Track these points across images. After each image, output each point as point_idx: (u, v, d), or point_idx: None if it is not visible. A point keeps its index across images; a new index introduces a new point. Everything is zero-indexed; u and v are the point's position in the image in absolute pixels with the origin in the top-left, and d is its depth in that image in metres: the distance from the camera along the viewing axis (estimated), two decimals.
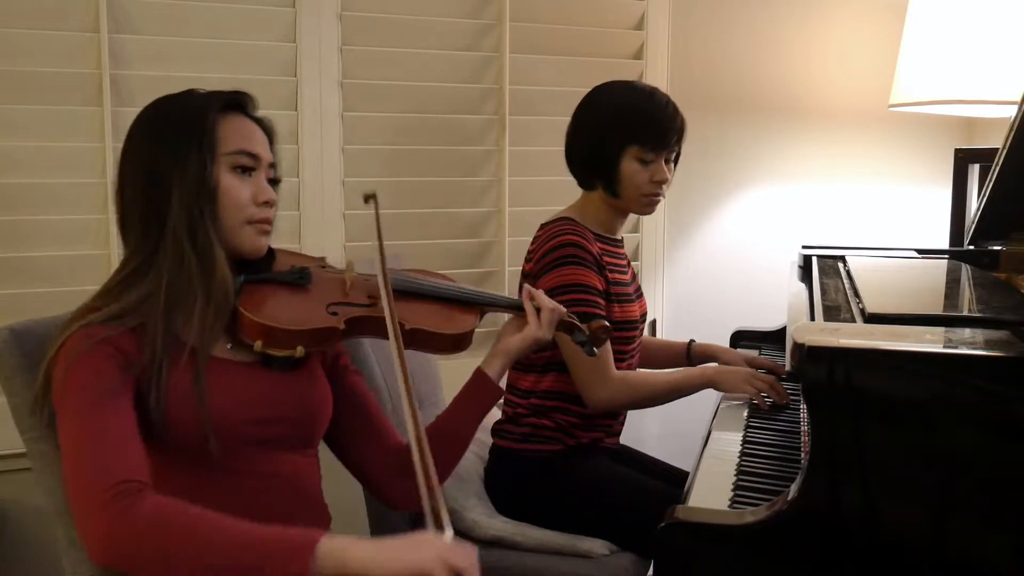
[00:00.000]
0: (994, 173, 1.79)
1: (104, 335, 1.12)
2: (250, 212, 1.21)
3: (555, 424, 1.81)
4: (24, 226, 1.96)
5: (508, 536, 1.74)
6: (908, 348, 1.13)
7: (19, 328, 1.24)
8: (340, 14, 2.20)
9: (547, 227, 1.83)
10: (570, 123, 1.87)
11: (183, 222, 1.16)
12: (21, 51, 1.93)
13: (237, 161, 1.20)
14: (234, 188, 1.20)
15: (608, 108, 1.80)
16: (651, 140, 1.77)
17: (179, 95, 1.24)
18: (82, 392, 1.09)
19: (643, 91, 1.82)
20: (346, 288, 1.30)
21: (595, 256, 1.77)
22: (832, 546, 1.11)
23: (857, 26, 2.75)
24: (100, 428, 1.06)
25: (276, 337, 1.18)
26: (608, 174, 1.79)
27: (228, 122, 1.22)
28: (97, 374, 1.10)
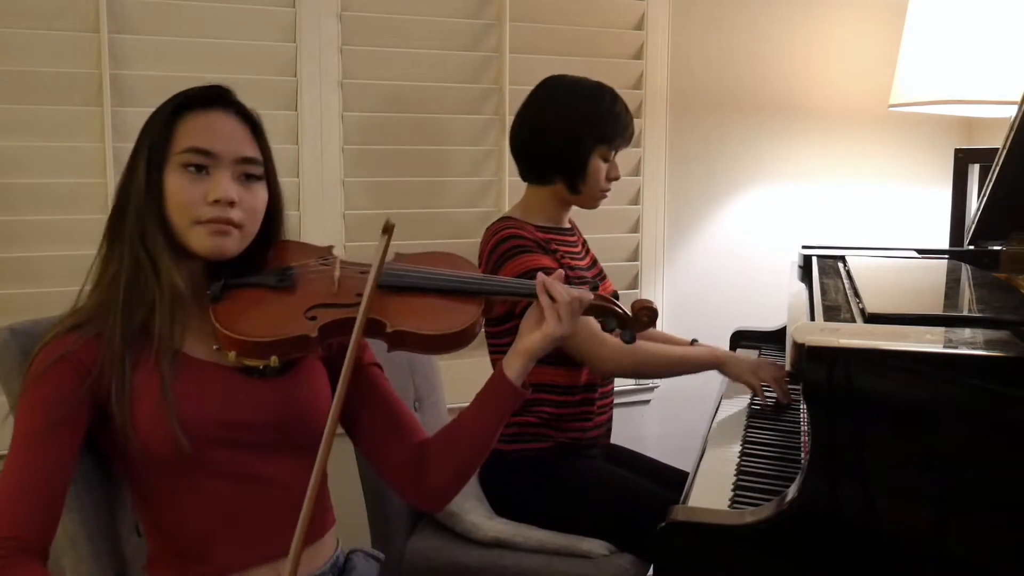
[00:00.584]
0: (994, 173, 1.79)
1: (63, 351, 1.11)
2: (197, 212, 1.15)
3: (539, 420, 1.81)
4: (24, 226, 1.96)
5: (507, 537, 1.74)
6: (908, 348, 1.13)
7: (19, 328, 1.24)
8: (340, 14, 2.20)
9: (488, 230, 1.87)
10: (529, 120, 1.90)
11: (135, 227, 1.16)
12: (21, 51, 1.93)
13: (187, 160, 1.16)
14: (179, 188, 1.16)
15: (580, 109, 1.85)
16: (619, 140, 1.87)
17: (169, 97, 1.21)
18: (24, 422, 1.10)
19: (607, 92, 1.88)
20: (333, 287, 1.23)
21: (537, 240, 1.81)
22: (832, 546, 1.11)
23: (857, 26, 2.75)
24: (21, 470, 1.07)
25: (247, 349, 1.15)
26: (575, 172, 1.85)
27: (190, 120, 1.18)
28: (44, 401, 1.09)
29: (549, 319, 1.22)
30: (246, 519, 1.18)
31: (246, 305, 1.19)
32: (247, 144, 1.20)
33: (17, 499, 1.06)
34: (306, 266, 1.26)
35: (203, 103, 1.19)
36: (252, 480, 1.18)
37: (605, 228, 2.53)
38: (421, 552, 1.76)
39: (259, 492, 1.18)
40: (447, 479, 1.29)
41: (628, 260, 2.59)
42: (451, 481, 1.30)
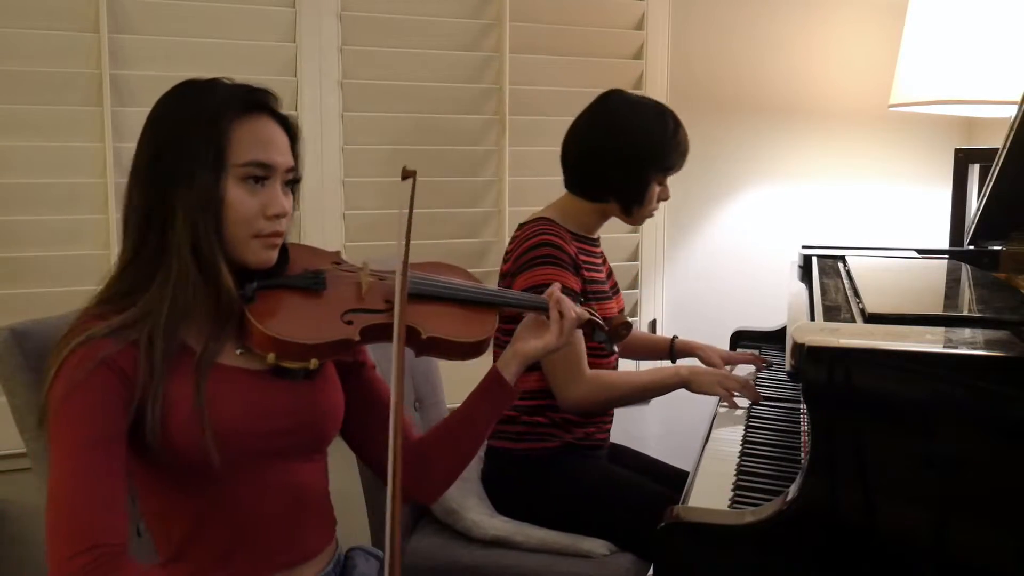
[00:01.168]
0: (994, 173, 1.79)
1: (103, 354, 1.06)
2: (258, 226, 1.14)
3: (549, 420, 1.81)
4: (24, 226, 1.96)
5: (508, 536, 1.74)
6: (908, 348, 1.13)
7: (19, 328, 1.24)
8: (340, 14, 2.20)
9: (525, 227, 1.84)
10: (592, 139, 1.85)
11: (187, 236, 1.10)
12: (21, 51, 1.93)
13: (249, 172, 1.13)
14: (242, 202, 1.13)
15: (645, 138, 1.81)
16: (676, 166, 1.87)
17: (201, 88, 1.17)
18: (74, 429, 1.05)
19: (669, 119, 1.85)
20: (362, 292, 1.24)
21: (572, 257, 1.79)
22: (832, 546, 1.11)
23: (857, 26, 2.75)
24: (85, 479, 1.03)
25: (289, 350, 1.13)
26: (634, 196, 1.84)
27: (245, 127, 1.14)
28: (92, 409, 1.05)
29: (554, 331, 1.32)
30: (263, 528, 1.17)
31: (281, 306, 1.17)
32: (289, 153, 1.19)
33: (101, 508, 1.02)
34: (333, 270, 1.27)
35: (254, 107, 1.16)
36: (271, 486, 1.17)
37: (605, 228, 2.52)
38: (421, 551, 1.76)
39: (276, 498, 1.17)
40: (442, 475, 1.34)
41: (628, 260, 2.59)
42: (445, 476, 1.35)
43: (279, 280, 1.20)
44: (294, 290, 1.20)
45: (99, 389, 1.06)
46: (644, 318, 2.62)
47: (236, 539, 1.15)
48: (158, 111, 1.17)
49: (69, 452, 1.04)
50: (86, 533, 1.00)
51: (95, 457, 1.04)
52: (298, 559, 1.21)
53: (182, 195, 1.11)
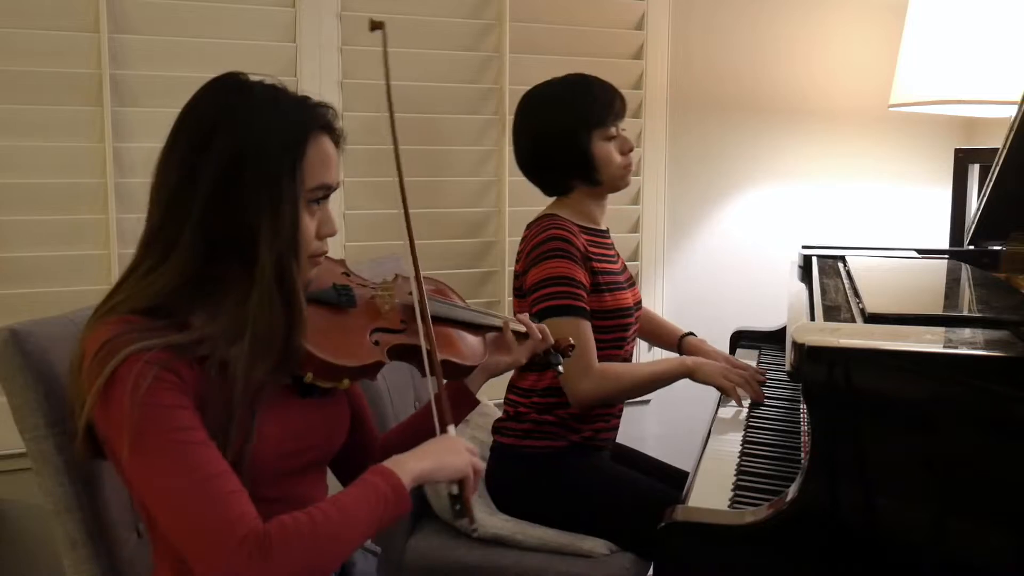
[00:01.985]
0: (994, 173, 1.79)
1: (163, 362, 1.00)
2: (314, 247, 1.12)
3: (557, 419, 1.81)
4: (24, 226, 1.96)
5: (508, 534, 1.74)
6: (908, 348, 1.13)
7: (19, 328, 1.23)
8: (340, 14, 2.20)
9: (535, 224, 1.85)
10: (523, 140, 1.89)
11: (272, 267, 1.05)
12: (21, 51, 1.93)
13: (315, 196, 1.10)
14: (309, 228, 1.10)
15: (562, 107, 1.83)
16: (611, 117, 1.84)
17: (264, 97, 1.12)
18: (167, 433, 0.99)
19: (577, 81, 1.87)
20: (382, 309, 1.24)
21: (581, 249, 1.79)
22: (832, 546, 1.11)
23: (857, 26, 2.75)
24: (204, 474, 0.98)
25: (328, 371, 1.11)
26: (585, 166, 1.83)
27: (315, 147, 1.09)
28: (176, 411, 1.00)
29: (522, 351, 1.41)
30: None
31: (318, 324, 1.13)
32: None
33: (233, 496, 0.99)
34: (356, 286, 1.25)
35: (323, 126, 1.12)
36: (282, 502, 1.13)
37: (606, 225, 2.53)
38: (421, 551, 1.76)
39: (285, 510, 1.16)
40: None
41: (628, 260, 2.59)
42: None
43: (313, 294, 1.17)
44: (326, 306, 1.18)
45: (171, 390, 1.00)
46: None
47: None
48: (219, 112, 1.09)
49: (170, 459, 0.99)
50: (231, 526, 0.97)
51: (199, 454, 0.99)
52: None
53: (267, 222, 1.05)
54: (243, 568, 0.96)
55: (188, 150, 1.06)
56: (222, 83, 1.14)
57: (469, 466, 1.15)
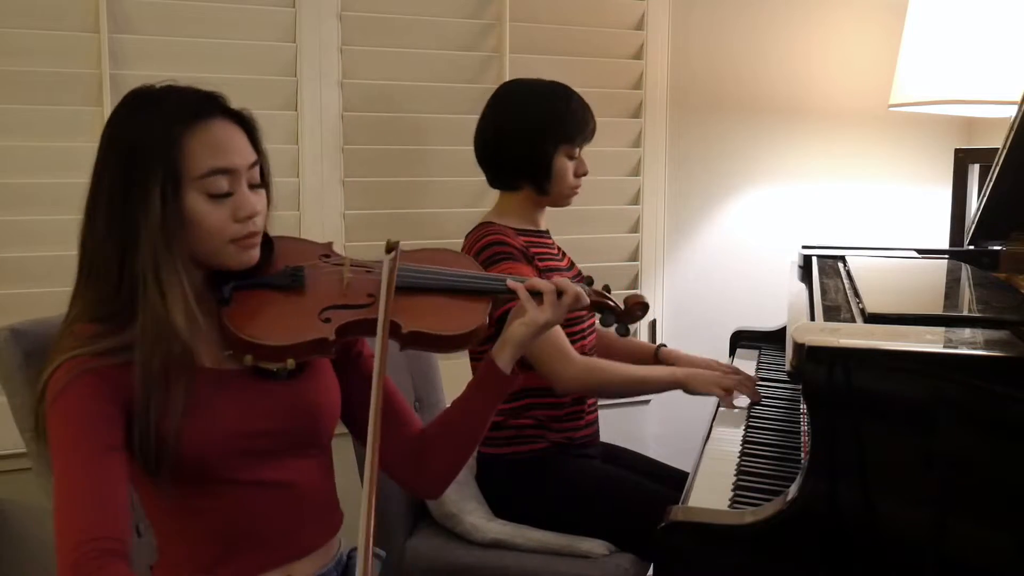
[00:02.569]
0: (994, 173, 1.79)
1: (90, 365, 1.07)
2: (231, 231, 1.13)
3: (534, 421, 1.82)
4: (24, 226, 1.96)
5: (507, 538, 1.74)
6: (908, 348, 1.13)
7: (19, 328, 1.24)
8: (340, 14, 2.20)
9: (470, 236, 1.86)
10: (489, 128, 1.89)
11: (149, 265, 1.09)
12: (21, 51, 1.93)
13: (211, 185, 1.11)
14: (208, 214, 1.11)
15: (540, 112, 1.83)
16: (580, 137, 1.85)
17: (146, 101, 1.14)
18: (66, 433, 1.05)
19: (562, 92, 1.86)
20: (343, 287, 1.23)
21: (520, 249, 1.80)
22: (832, 546, 1.11)
23: (857, 26, 2.75)
24: (87, 479, 1.03)
25: (264, 352, 1.13)
26: (541, 175, 1.84)
27: (197, 137, 1.10)
28: (85, 415, 1.05)
29: (530, 309, 1.27)
30: (259, 524, 1.17)
31: (258, 307, 1.17)
32: (249, 149, 1.16)
33: (103, 506, 1.02)
34: (315, 266, 1.25)
35: (203, 114, 1.13)
36: (264, 485, 1.17)
37: (605, 228, 2.53)
38: (421, 552, 1.76)
39: (271, 496, 1.17)
40: (443, 467, 1.34)
41: (628, 260, 2.59)
42: (447, 469, 1.34)
43: (255, 280, 1.19)
44: (272, 289, 1.20)
45: (88, 395, 1.06)
46: (644, 318, 2.62)
47: (232, 535, 1.16)
48: (109, 131, 1.14)
49: (65, 458, 1.04)
50: (89, 529, 1.00)
51: (92, 460, 1.04)
52: (296, 554, 1.20)
53: (143, 220, 1.09)
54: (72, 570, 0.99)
55: (96, 163, 1.14)
56: (123, 99, 1.17)
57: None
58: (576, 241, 2.31)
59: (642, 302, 1.42)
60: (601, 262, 2.51)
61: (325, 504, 1.26)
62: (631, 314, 1.42)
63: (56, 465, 1.05)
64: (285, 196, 2.18)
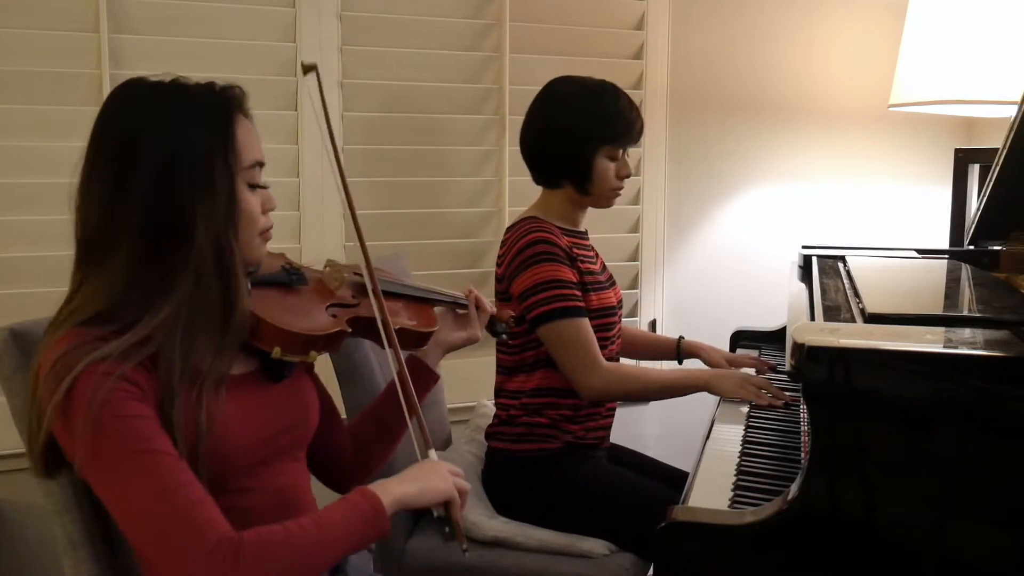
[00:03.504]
0: (994, 173, 1.79)
1: (118, 371, 1.01)
2: (262, 224, 1.16)
3: (548, 420, 1.81)
4: (24, 226, 1.96)
5: (508, 537, 1.74)
6: (908, 348, 1.13)
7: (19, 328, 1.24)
8: (340, 14, 2.20)
9: (514, 228, 1.85)
10: (534, 125, 1.88)
11: (211, 250, 1.07)
12: (21, 51, 1.93)
13: (254, 175, 1.14)
14: (252, 204, 1.13)
15: (583, 111, 1.82)
16: (625, 139, 1.84)
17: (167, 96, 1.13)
18: (129, 446, 0.99)
19: (609, 92, 1.86)
20: (333, 286, 1.29)
21: (566, 250, 1.80)
22: (832, 546, 1.11)
23: (857, 26, 2.75)
24: (169, 485, 0.99)
25: (294, 343, 1.15)
26: (581, 174, 1.83)
27: (240, 128, 1.13)
28: (135, 422, 1.00)
29: (476, 327, 1.48)
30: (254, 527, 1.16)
31: (275, 302, 1.19)
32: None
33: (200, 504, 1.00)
34: (306, 268, 1.31)
35: (242, 107, 1.16)
36: (265, 491, 1.16)
37: (605, 228, 2.53)
38: (421, 552, 1.76)
39: (268, 501, 1.17)
40: (373, 457, 1.40)
41: (628, 260, 2.59)
42: (377, 458, 1.41)
43: (265, 277, 1.23)
44: (279, 287, 1.24)
45: (128, 400, 1.01)
46: (644, 318, 2.62)
47: None
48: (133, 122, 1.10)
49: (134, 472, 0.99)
50: (201, 535, 0.98)
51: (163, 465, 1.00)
52: None
53: (204, 208, 1.07)
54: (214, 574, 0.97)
55: (115, 166, 1.10)
56: (126, 92, 1.15)
57: (453, 489, 1.15)
58: None
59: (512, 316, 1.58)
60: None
61: (309, 505, 1.26)
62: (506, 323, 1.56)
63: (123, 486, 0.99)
64: (285, 196, 2.18)
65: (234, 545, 0.98)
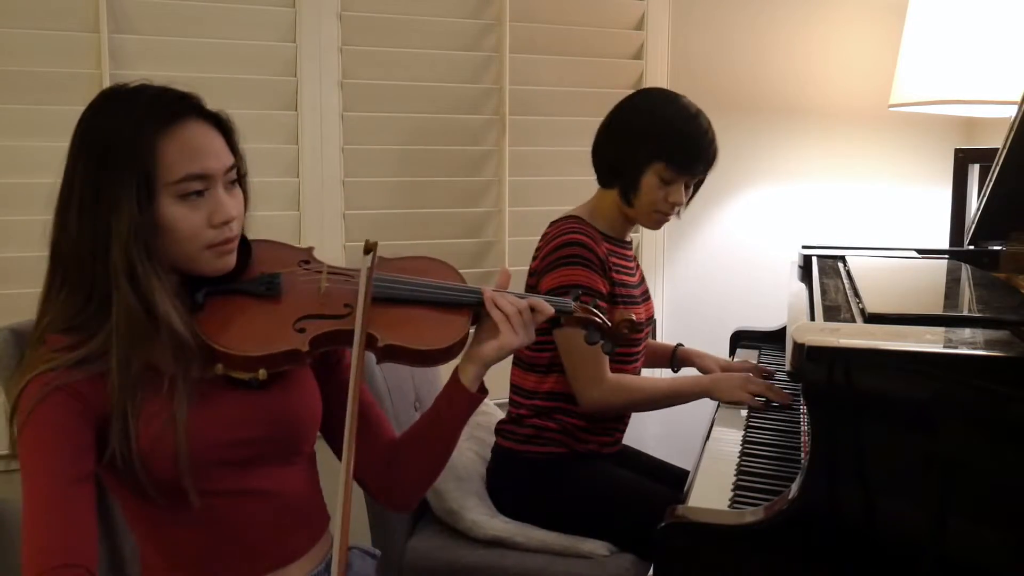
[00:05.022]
0: (994, 173, 1.79)
1: (60, 381, 1.04)
2: (207, 237, 1.10)
3: (558, 426, 1.80)
4: (24, 226, 1.96)
5: (508, 537, 1.74)
6: (908, 348, 1.13)
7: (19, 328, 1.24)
8: (340, 14, 2.20)
9: (556, 224, 1.81)
10: (605, 120, 1.85)
11: (122, 268, 1.06)
12: (21, 51, 1.93)
13: (185, 188, 1.08)
14: (182, 219, 1.09)
15: (646, 117, 1.78)
16: (679, 162, 1.75)
17: (116, 102, 1.12)
18: (38, 455, 1.03)
19: (687, 110, 1.78)
20: (320, 295, 1.19)
21: (601, 258, 1.76)
22: (832, 546, 1.11)
23: (857, 26, 2.75)
24: (52, 501, 1.02)
25: (235, 362, 1.10)
26: (628, 182, 1.78)
27: (171, 140, 1.08)
28: (54, 442, 1.03)
29: (504, 331, 1.22)
30: (243, 533, 1.16)
31: (231, 315, 1.14)
32: (226, 152, 1.13)
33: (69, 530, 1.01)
34: (292, 273, 1.22)
35: (178, 116, 1.09)
36: (247, 494, 1.15)
37: None
38: (421, 552, 1.76)
39: (254, 505, 1.16)
40: (414, 480, 1.31)
41: None
42: (418, 481, 1.31)
43: (229, 286, 1.16)
44: (246, 296, 1.16)
45: (57, 412, 1.04)
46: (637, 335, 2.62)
47: (218, 544, 1.15)
48: (80, 132, 1.12)
49: (32, 478, 1.03)
50: (52, 554, 0.99)
51: (58, 482, 1.03)
52: (284, 560, 1.20)
53: (115, 227, 1.06)
54: None
55: (65, 171, 1.11)
56: (94, 100, 1.15)
57: None
58: None
59: (629, 319, 1.33)
60: None
61: (310, 510, 1.25)
62: (617, 332, 1.33)
63: (25, 487, 1.03)
64: (285, 196, 2.19)
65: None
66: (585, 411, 1.78)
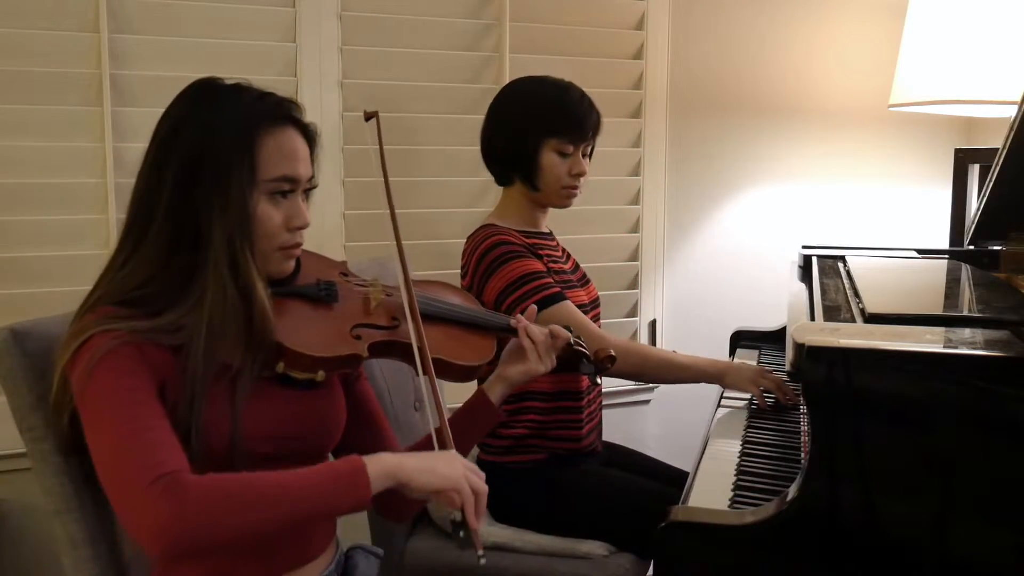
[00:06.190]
0: (994, 173, 1.79)
1: (128, 339, 1.05)
2: (282, 239, 1.16)
3: (527, 430, 1.80)
4: (24, 226, 1.96)
5: (507, 542, 1.73)
6: (908, 348, 1.13)
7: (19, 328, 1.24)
8: (340, 14, 2.20)
9: (472, 238, 1.85)
10: (485, 120, 1.88)
11: (224, 254, 1.10)
12: (21, 51, 1.93)
13: (276, 188, 1.14)
14: (269, 217, 1.14)
15: (527, 102, 1.82)
16: (570, 133, 1.80)
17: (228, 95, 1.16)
18: (112, 391, 1.03)
19: (558, 85, 1.84)
20: (370, 307, 1.26)
21: (526, 246, 1.79)
22: (832, 546, 1.11)
23: (857, 26, 2.75)
24: (136, 426, 1.01)
25: (299, 361, 1.14)
26: (527, 167, 1.81)
27: (273, 139, 1.14)
28: (127, 372, 1.04)
29: (531, 358, 1.38)
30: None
31: (293, 316, 1.17)
32: (310, 163, 1.20)
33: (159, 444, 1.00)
34: (343, 281, 1.28)
35: (281, 119, 1.16)
36: None
37: (605, 228, 2.53)
38: (421, 552, 1.76)
39: None
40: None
41: (628, 260, 2.59)
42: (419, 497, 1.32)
43: (292, 288, 1.21)
44: (306, 300, 1.21)
45: (127, 356, 1.04)
46: (644, 318, 2.62)
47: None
48: (184, 114, 1.14)
49: (110, 412, 1.02)
50: (149, 468, 0.97)
51: (137, 409, 1.02)
52: (303, 559, 1.21)
53: (218, 212, 1.10)
54: (154, 504, 0.94)
55: (157, 151, 1.13)
56: (192, 87, 1.18)
57: (463, 480, 1.09)
58: (576, 241, 2.31)
59: (610, 355, 1.50)
60: (601, 262, 2.51)
61: None
62: (601, 364, 1.49)
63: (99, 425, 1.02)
64: None
65: (178, 480, 0.96)
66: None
